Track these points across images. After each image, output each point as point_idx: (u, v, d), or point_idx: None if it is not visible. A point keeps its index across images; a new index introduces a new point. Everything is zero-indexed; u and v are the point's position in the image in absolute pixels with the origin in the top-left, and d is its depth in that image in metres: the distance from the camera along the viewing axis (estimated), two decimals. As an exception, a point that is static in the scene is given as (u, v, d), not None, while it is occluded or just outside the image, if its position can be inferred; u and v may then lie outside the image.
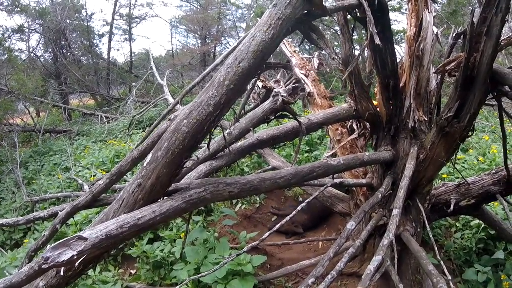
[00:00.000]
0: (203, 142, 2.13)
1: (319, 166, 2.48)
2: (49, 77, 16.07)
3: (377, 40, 2.31)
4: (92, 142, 10.25)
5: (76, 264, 1.71)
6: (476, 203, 3.70)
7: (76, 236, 1.76)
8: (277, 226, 2.40)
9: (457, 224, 4.56)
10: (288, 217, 2.50)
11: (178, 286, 2.58)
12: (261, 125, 5.00)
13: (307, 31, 2.10)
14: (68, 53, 17.57)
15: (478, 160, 5.94)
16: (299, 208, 2.44)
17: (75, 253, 1.69)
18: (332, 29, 12.86)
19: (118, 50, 38.78)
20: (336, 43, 12.39)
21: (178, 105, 5.98)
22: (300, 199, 5.55)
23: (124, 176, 5.09)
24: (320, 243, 4.64)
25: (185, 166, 2.04)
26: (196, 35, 21.16)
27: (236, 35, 20.05)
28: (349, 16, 2.71)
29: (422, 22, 3.15)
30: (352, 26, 2.79)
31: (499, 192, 3.57)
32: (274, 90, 2.40)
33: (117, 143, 8.97)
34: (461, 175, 3.91)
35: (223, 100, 1.77)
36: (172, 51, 21.41)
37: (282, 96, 2.31)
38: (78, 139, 11.15)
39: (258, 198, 5.43)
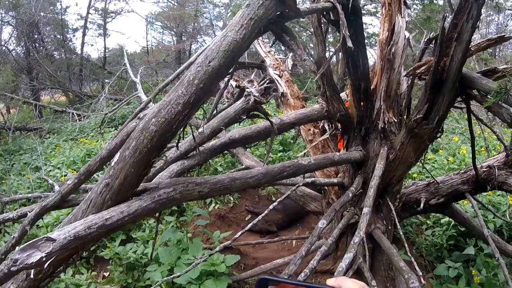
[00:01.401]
0: (172, 141, 2.11)
1: (290, 166, 2.49)
2: (21, 72, 15.58)
3: (350, 43, 2.32)
4: (63, 140, 9.98)
5: (46, 265, 1.68)
6: (445, 201, 3.81)
7: (45, 238, 1.72)
8: (250, 225, 2.42)
9: (428, 222, 4.68)
10: (260, 216, 2.50)
11: (153, 286, 2.53)
12: (235, 125, 5.00)
13: (280, 32, 2.09)
14: (41, 47, 17.12)
15: (448, 160, 6.10)
16: (271, 207, 2.46)
17: (43, 254, 1.65)
18: (308, 31, 12.94)
19: (92, 45, 37.97)
20: (311, 45, 12.50)
21: (151, 103, 5.88)
22: (274, 198, 5.58)
23: (95, 175, 4.98)
24: (294, 242, 4.68)
25: (154, 166, 2.01)
26: (172, 32, 20.97)
27: (213, 34, 19.94)
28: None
29: (395, 26, 3.20)
30: (325, 28, 2.81)
31: (468, 191, 3.68)
32: (246, 90, 2.40)
33: (89, 141, 8.78)
34: (431, 174, 4.02)
35: (192, 99, 1.75)
36: (147, 47, 21.17)
37: (254, 96, 2.31)
38: (49, 137, 10.86)
39: (232, 198, 5.44)
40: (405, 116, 3.32)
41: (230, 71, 1.94)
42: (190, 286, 3.20)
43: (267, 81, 3.59)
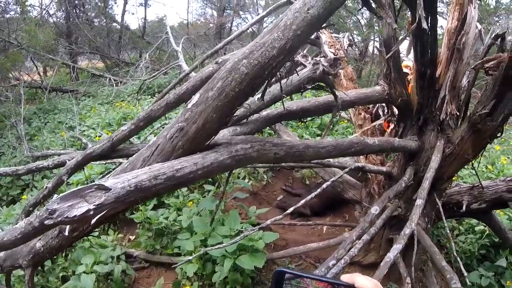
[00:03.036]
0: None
1: (358, 143, 2.37)
2: (60, 36, 15.74)
3: (425, 25, 2.20)
4: (99, 104, 10.03)
5: (93, 221, 1.38)
6: (487, 208, 3.72)
7: (95, 185, 1.41)
8: (301, 203, 2.32)
9: (460, 228, 4.55)
10: (304, 200, 2.41)
11: (190, 257, 2.43)
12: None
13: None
14: (81, 13, 17.25)
15: (487, 168, 5.90)
16: (324, 186, 2.36)
17: (92, 207, 1.36)
18: (354, 16, 12.51)
19: (133, 14, 37.96)
20: (356, 32, 12.19)
21: (193, 72, 5.82)
22: (308, 182, 5.47)
23: (131, 139, 4.86)
24: (325, 228, 4.58)
25: (236, 115, 1.87)
26: (214, 5, 20.75)
27: (255, 12, 19.64)
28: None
29: (466, 16, 3.05)
30: (398, 7, 2.67)
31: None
32: (314, 59, 2.28)
33: (125, 105, 8.79)
34: (478, 177, 3.86)
35: (288, 46, 1.58)
36: (188, 20, 20.99)
37: (323, 65, 2.19)
38: (85, 99, 10.96)
39: (265, 176, 5.35)
40: (463, 111, 3.20)
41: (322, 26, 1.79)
42: (223, 259, 3.13)
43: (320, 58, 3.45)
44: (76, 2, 16.82)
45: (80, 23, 15.92)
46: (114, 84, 11.93)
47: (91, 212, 1.37)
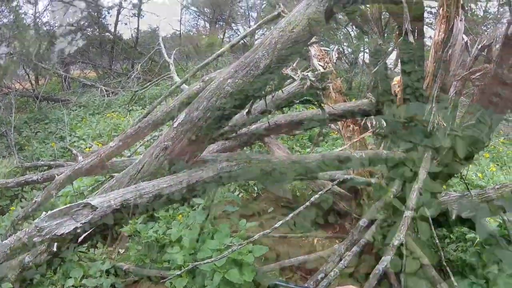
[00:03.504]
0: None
1: (345, 157, 2.38)
2: (53, 45, 15.66)
3: (411, 38, 2.25)
4: (90, 114, 9.99)
5: (80, 239, 1.48)
6: (477, 215, 3.62)
7: (82, 204, 1.45)
8: (290, 216, 2.32)
9: (451, 236, 4.54)
10: (298, 210, 2.41)
11: (179, 272, 2.41)
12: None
13: (353, 14, 1.97)
14: (75, 23, 17.18)
15: (476, 176, 5.92)
16: (312, 199, 2.36)
17: (79, 225, 1.40)
18: (344, 29, 12.62)
19: (125, 24, 37.90)
20: (346, 44, 12.27)
21: (184, 84, 5.82)
22: (298, 193, 5.44)
23: (123, 152, 4.86)
24: (315, 240, 4.55)
25: (224, 131, 1.86)
26: (206, 17, 20.80)
27: (247, 24, 19.74)
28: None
29: (453, 28, 3.09)
30: (385, 21, 2.71)
31: (501, 207, 3.52)
32: (302, 73, 2.29)
33: (116, 116, 8.76)
34: (467, 187, 3.88)
35: (273, 64, 1.58)
36: (180, 31, 21.00)
37: (310, 80, 2.20)
38: (76, 109, 10.89)
39: (256, 188, 5.32)
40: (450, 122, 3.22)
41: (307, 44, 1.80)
42: (212, 274, 3.08)
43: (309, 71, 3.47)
44: (70, 11, 16.76)
45: (73, 32, 15.85)
46: (106, 95, 11.88)
47: (78, 230, 1.41)
